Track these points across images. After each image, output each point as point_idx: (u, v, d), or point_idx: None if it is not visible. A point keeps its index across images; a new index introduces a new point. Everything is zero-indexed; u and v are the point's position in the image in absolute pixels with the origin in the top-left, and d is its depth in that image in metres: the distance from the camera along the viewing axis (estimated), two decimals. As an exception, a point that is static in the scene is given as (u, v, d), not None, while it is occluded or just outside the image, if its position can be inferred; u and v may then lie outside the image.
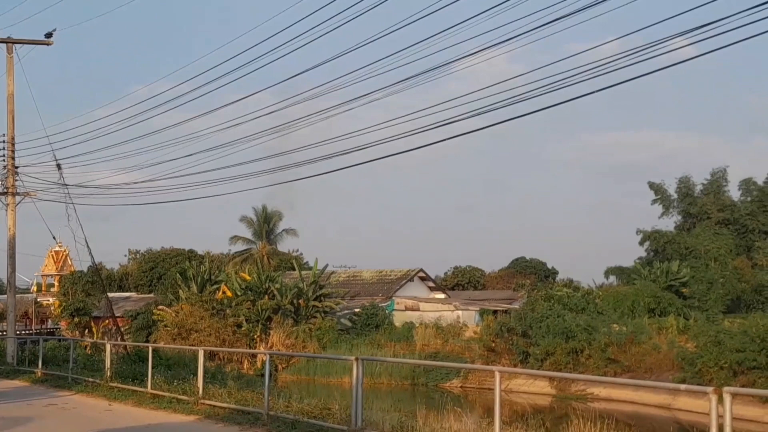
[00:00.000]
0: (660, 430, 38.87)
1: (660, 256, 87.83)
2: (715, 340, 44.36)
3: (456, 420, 17.18)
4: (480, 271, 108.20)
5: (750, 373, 41.95)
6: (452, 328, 67.68)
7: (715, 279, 76.14)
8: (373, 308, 70.57)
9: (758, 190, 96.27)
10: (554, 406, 46.91)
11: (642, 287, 74.11)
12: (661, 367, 48.58)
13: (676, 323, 63.77)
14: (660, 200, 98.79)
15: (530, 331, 55.17)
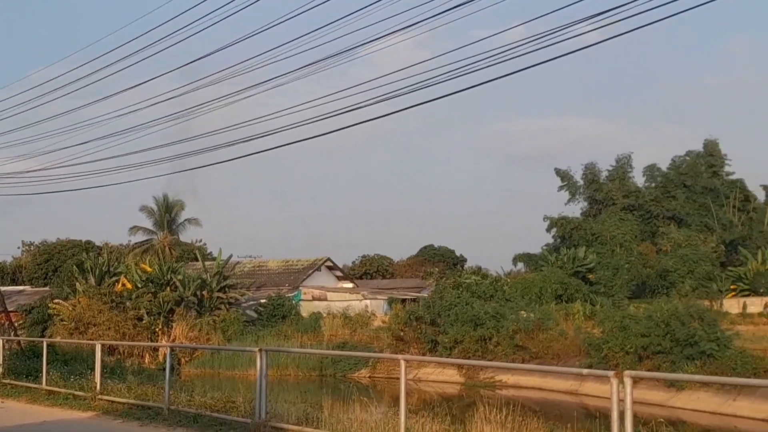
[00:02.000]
0: (567, 415, 38.59)
1: (567, 242, 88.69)
2: (621, 326, 44.62)
3: (362, 410, 17.02)
4: (388, 260, 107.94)
5: (655, 357, 42.26)
6: (360, 318, 67.20)
7: (620, 265, 77.14)
8: (280, 299, 69.57)
9: (662, 176, 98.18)
10: (463, 394, 46.51)
11: (549, 274, 74.60)
12: (568, 353, 48.69)
13: (582, 309, 64.31)
14: (566, 187, 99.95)
15: (439, 319, 54.90)
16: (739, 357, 40.20)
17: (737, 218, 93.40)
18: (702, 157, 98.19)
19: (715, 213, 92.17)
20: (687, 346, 41.31)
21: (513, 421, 15.66)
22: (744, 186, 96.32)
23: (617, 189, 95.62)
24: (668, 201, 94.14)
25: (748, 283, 74.00)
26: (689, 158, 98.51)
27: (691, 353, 40.96)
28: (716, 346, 40.72)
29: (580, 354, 47.15)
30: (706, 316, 43.44)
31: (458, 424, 16.10)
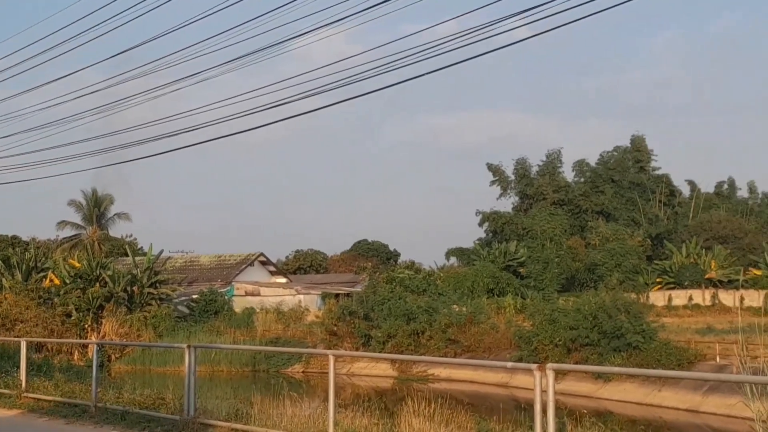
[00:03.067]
0: (497, 407, 39.17)
1: (499, 236, 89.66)
2: (550, 319, 45.31)
3: (293, 405, 17.00)
4: (322, 255, 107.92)
5: (583, 349, 43.04)
6: (294, 313, 67.13)
7: (550, 259, 78.26)
8: (212, 294, 69.07)
9: (591, 171, 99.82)
10: (396, 388, 46.83)
11: (481, 268, 75.37)
12: (499, 346, 49.28)
13: (513, 303, 65.22)
14: (498, 182, 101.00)
15: (372, 313, 55.08)
16: (663, 349, 41.16)
17: (663, 213, 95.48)
18: (629, 152, 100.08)
19: (642, 208, 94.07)
20: (614, 338, 42.15)
21: (441, 415, 15.89)
22: (670, 181, 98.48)
23: (547, 184, 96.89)
24: (597, 196, 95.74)
25: (673, 276, 75.74)
26: (617, 154, 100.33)
27: (617, 345, 41.82)
28: (642, 338, 41.64)
29: (511, 347, 47.73)
30: (632, 308, 44.32)
31: (387, 418, 16.29)
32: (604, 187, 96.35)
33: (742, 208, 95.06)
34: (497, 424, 16.53)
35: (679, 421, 35.07)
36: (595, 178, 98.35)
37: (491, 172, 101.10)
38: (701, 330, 53.58)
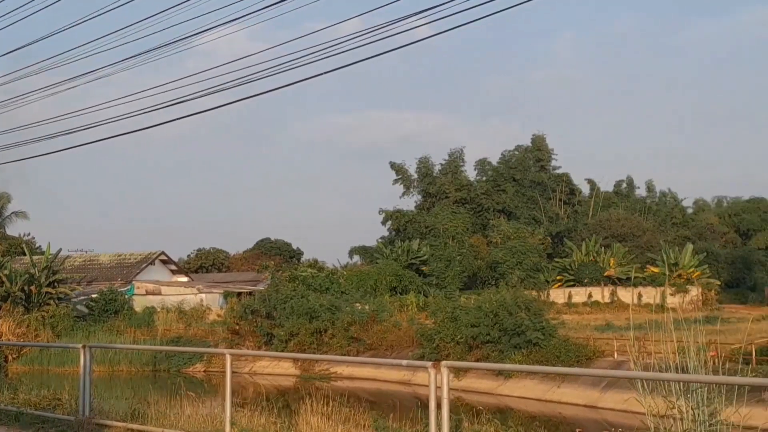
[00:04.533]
0: (398, 405, 39.30)
1: (402, 235, 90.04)
2: (452, 316, 45.63)
3: (190, 405, 16.71)
4: (224, 253, 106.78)
5: (484, 347, 43.46)
6: (195, 312, 66.42)
7: (453, 257, 78.97)
8: (112, 293, 67.70)
9: (492, 170, 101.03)
10: (298, 387, 46.58)
11: (384, 266, 75.62)
12: (401, 344, 49.45)
13: (416, 301, 65.63)
14: (401, 180, 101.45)
15: (274, 312, 54.78)
16: (563, 345, 41.85)
17: (563, 211, 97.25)
18: (530, 151, 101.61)
19: (543, 206, 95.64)
20: (514, 335, 42.67)
21: (340, 413, 15.84)
22: (570, 180, 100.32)
23: (450, 183, 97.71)
24: (498, 194, 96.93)
25: (573, 274, 77.23)
26: (518, 153, 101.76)
27: (518, 342, 42.34)
28: (542, 335, 42.25)
29: (413, 345, 47.94)
30: (532, 306, 44.96)
31: (286, 417, 16.16)
32: (505, 185, 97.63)
33: (640, 207, 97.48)
34: (395, 422, 16.52)
35: (578, 417, 35.59)
36: (496, 177, 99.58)
37: (394, 171, 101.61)
38: (600, 327, 54.69)
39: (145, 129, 23.94)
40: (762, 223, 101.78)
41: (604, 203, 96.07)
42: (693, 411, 11.57)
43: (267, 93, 19.42)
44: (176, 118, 23.42)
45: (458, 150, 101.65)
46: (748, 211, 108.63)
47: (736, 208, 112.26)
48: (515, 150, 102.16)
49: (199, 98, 21.05)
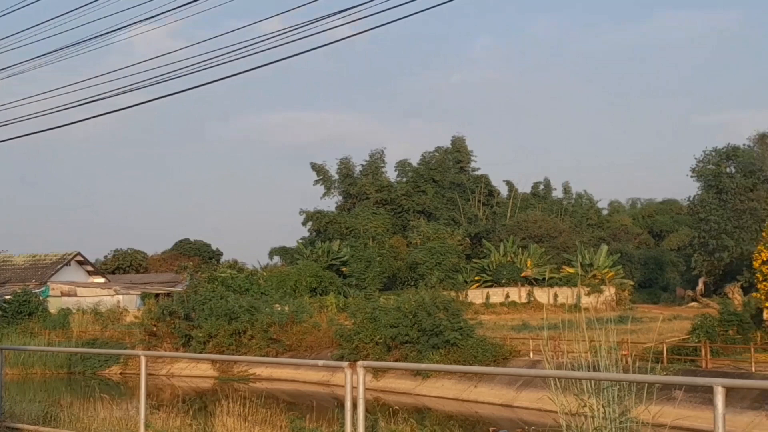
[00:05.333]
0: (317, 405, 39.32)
1: (322, 235, 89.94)
2: (371, 317, 45.80)
3: (105, 407, 16.54)
4: (142, 254, 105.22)
5: (403, 347, 43.72)
6: (112, 314, 65.50)
7: (373, 258, 79.22)
8: (26, 295, 66.32)
9: (413, 171, 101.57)
10: (216, 388, 46.24)
11: (304, 267, 75.53)
12: (321, 345, 49.47)
13: (336, 301, 65.70)
14: (322, 181, 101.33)
15: (193, 313, 54.39)
16: (480, 345, 42.30)
17: (482, 212, 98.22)
18: (450, 153, 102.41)
19: (462, 207, 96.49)
20: (433, 335, 43.00)
21: (257, 414, 15.84)
22: (489, 181, 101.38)
23: (371, 183, 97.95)
24: (418, 195, 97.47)
25: (491, 274, 78.06)
26: (438, 154, 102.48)
27: (436, 342, 42.67)
28: (459, 336, 42.65)
29: (332, 345, 47.98)
30: (451, 306, 45.35)
31: (202, 419, 16.08)
32: (425, 186, 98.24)
33: (557, 208, 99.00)
34: (312, 422, 16.55)
35: (494, 416, 36.03)
36: (416, 178, 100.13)
37: (315, 172, 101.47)
38: (517, 327, 55.42)
39: (62, 126, 23.51)
40: (674, 225, 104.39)
41: (522, 205, 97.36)
42: (604, 409, 11.80)
43: (185, 91, 19.22)
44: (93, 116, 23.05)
45: (379, 151, 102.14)
46: (661, 213, 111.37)
47: (649, 210, 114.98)
48: (435, 151, 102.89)
49: (117, 96, 20.74)
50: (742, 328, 38.97)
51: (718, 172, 78.14)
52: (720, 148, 79.61)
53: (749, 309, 41.45)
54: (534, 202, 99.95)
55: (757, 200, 73.44)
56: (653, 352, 27.75)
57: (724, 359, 36.15)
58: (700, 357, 35.73)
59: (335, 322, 51.88)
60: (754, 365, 33.18)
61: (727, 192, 75.72)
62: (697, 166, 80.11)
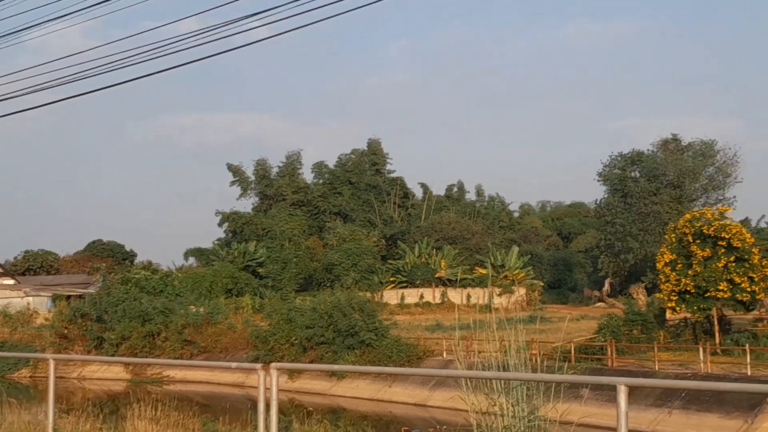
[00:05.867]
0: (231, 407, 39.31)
1: (238, 237, 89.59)
2: (287, 318, 45.95)
3: (12, 412, 16.36)
4: (53, 255, 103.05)
5: (318, 348, 43.97)
6: (22, 316, 64.11)
7: (289, 259, 79.23)
8: (-70, 297, 64.53)
9: (329, 173, 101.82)
10: (129, 391, 45.78)
11: (220, 268, 75.14)
12: (236, 347, 49.38)
13: (252, 302, 65.50)
14: (238, 182, 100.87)
15: (105, 315, 53.67)
16: (394, 346, 42.80)
17: (397, 214, 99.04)
18: (366, 155, 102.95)
19: (378, 209, 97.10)
20: (348, 336, 43.35)
21: (169, 417, 15.88)
22: (404, 183, 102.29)
23: (287, 185, 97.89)
24: (335, 197, 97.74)
25: (406, 275, 78.76)
26: (354, 156, 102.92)
27: (351, 343, 43.04)
28: (374, 336, 43.10)
29: (248, 347, 47.94)
30: (366, 307, 45.74)
31: (112, 422, 16.07)
32: (341, 188, 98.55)
33: (470, 211, 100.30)
34: (226, 425, 16.66)
35: (408, 415, 36.49)
36: (333, 180, 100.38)
37: (231, 173, 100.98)
38: (431, 327, 56.12)
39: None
40: (582, 227, 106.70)
41: (436, 207, 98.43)
42: (513, 407, 12.25)
43: (98, 91, 19.19)
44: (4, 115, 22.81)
45: (296, 153, 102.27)
46: (569, 216, 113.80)
47: (558, 213, 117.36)
48: (351, 154, 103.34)
49: (27, 95, 20.56)
50: (646, 327, 40.26)
51: (623, 176, 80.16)
52: (625, 153, 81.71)
53: (653, 309, 42.84)
54: (448, 204, 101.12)
55: (660, 204, 75.54)
56: (561, 351, 28.62)
57: (629, 358, 37.32)
58: (607, 356, 36.84)
59: (251, 324, 51.81)
60: (657, 364, 34.33)
61: (632, 196, 77.78)
62: (603, 170, 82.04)
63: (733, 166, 78.56)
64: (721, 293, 36.61)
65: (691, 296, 37.49)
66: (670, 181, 77.03)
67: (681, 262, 38.26)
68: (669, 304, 38.90)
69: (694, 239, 37.89)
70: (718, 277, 36.71)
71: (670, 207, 74.56)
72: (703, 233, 37.80)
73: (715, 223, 38.03)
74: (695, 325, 40.18)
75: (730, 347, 36.22)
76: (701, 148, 79.38)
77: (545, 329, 39.49)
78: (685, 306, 38.33)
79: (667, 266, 38.54)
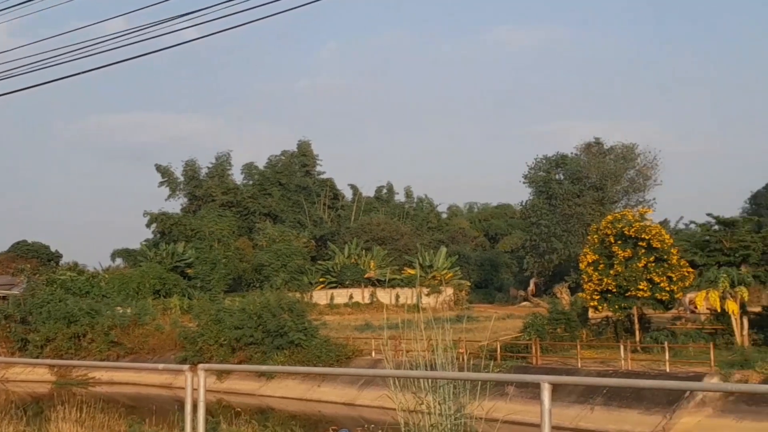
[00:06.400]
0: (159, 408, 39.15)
1: (167, 237, 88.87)
2: (216, 319, 45.91)
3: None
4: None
5: (248, 348, 44.04)
6: (-59, 318, 62.62)
7: (218, 259, 78.91)
8: None
9: (259, 174, 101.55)
10: (54, 393, 45.22)
11: (148, 269, 74.49)
12: (164, 348, 49.16)
13: (180, 303, 65.11)
14: (167, 183, 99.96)
15: (30, 317, 52.97)
16: (323, 346, 43.10)
17: (327, 215, 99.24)
18: (296, 156, 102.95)
19: (308, 210, 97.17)
20: (277, 336, 43.52)
21: (94, 419, 15.87)
22: (334, 185, 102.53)
23: (217, 186, 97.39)
24: (264, 198, 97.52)
25: (335, 276, 78.97)
26: (284, 158, 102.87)
27: (281, 343, 43.22)
28: (304, 336, 43.34)
29: (176, 348, 47.76)
30: (295, 307, 45.96)
31: (35, 425, 16.00)
32: (271, 189, 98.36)
33: (399, 212, 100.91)
34: (152, 426, 16.70)
35: (337, 415, 36.77)
36: (263, 181, 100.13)
37: (160, 173, 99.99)
38: (360, 327, 56.50)
39: None
40: (508, 228, 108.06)
41: (366, 208, 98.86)
42: (440, 405, 12.64)
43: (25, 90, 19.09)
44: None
45: (225, 154, 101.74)
46: (496, 217, 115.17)
47: (485, 214, 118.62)
48: (281, 155, 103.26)
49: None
50: (570, 326, 41.21)
51: (548, 178, 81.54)
52: (550, 156, 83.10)
53: (576, 308, 43.85)
54: (377, 205, 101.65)
55: (583, 205, 77.04)
56: (487, 350, 29.23)
57: (553, 356, 38.19)
58: (531, 354, 37.65)
59: (179, 325, 51.59)
60: (580, 361, 35.22)
61: (557, 198, 79.17)
62: (529, 172, 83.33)
63: (653, 169, 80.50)
64: (642, 292, 37.71)
65: (613, 295, 38.54)
66: (592, 184, 78.55)
67: (603, 262, 39.29)
68: (591, 303, 39.91)
69: (615, 240, 38.94)
70: (638, 277, 37.79)
71: (593, 209, 76.04)
72: (624, 234, 38.87)
73: (635, 224, 39.14)
74: (616, 324, 41.26)
75: (650, 345, 37.32)
76: (622, 152, 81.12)
77: (472, 328, 40.09)
78: (606, 305, 39.38)
79: (590, 266, 39.53)
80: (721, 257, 40.17)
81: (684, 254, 40.39)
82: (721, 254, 40.34)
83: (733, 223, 43.84)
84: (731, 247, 40.22)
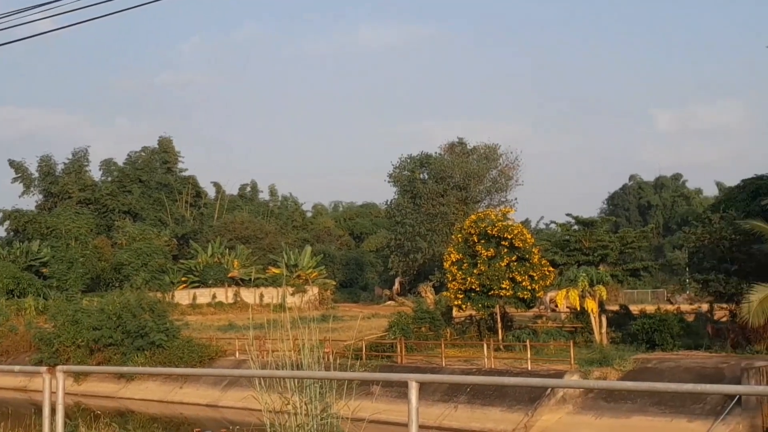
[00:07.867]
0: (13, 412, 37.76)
1: (21, 236, 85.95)
2: (73, 320, 44.66)
3: None
4: None
5: (106, 350, 43.01)
6: None
7: (75, 259, 76.66)
8: None
9: (118, 170, 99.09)
10: None
11: (0, 268, 71.85)
12: (18, 349, 47.69)
13: (35, 304, 62.97)
14: (21, 179, 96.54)
15: None
16: (186, 346, 42.43)
17: (189, 213, 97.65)
18: (157, 153, 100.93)
19: (169, 208, 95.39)
20: (138, 337, 42.63)
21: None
22: (196, 182, 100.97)
23: (73, 182, 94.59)
24: (124, 195, 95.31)
25: (198, 275, 77.80)
26: (145, 154, 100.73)
27: (141, 344, 42.34)
28: (165, 337, 42.58)
29: (31, 349, 46.37)
30: (156, 307, 45.16)
31: None
32: (131, 186, 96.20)
33: (263, 210, 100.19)
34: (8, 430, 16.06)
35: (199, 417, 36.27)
36: (122, 178, 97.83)
37: (14, 169, 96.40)
38: (223, 327, 55.89)
39: None
40: (373, 227, 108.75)
41: (230, 206, 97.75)
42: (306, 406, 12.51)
43: None
44: None
45: (83, 149, 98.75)
46: (361, 216, 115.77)
47: (350, 213, 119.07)
48: (142, 151, 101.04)
49: None
50: (434, 325, 41.73)
51: (412, 178, 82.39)
52: (414, 155, 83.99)
53: (440, 307, 44.44)
54: (241, 203, 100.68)
55: (447, 205, 78.10)
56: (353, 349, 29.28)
57: (418, 355, 38.56)
58: (397, 353, 37.91)
59: (34, 326, 50.03)
60: (444, 360, 35.67)
61: (421, 197, 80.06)
62: (393, 172, 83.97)
63: (515, 169, 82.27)
64: (504, 291, 38.47)
65: (476, 294, 39.18)
66: (456, 183, 79.69)
67: (467, 261, 39.90)
68: (455, 302, 40.51)
69: (479, 239, 39.60)
70: (501, 276, 38.54)
71: (457, 208, 77.17)
72: (487, 233, 39.57)
73: (498, 223, 39.90)
74: (480, 322, 41.99)
75: (512, 343, 38.14)
76: (485, 152, 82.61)
77: (338, 328, 40.16)
78: (470, 304, 40.01)
79: (454, 265, 40.08)
80: (581, 257, 41.30)
81: (545, 254, 41.37)
82: (581, 254, 41.46)
83: (591, 223, 45.12)
84: (590, 247, 41.39)
